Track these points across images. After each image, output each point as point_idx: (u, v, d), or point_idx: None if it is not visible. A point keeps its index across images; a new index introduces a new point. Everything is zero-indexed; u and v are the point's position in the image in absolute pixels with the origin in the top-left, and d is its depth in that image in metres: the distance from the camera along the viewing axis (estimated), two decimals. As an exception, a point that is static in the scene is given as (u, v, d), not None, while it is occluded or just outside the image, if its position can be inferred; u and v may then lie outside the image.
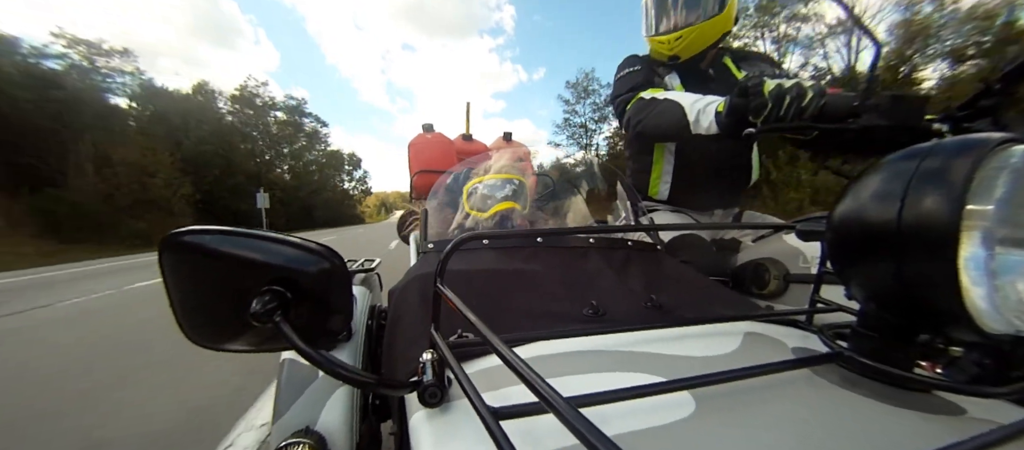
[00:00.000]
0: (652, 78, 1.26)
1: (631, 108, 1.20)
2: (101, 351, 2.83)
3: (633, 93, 1.22)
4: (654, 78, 1.27)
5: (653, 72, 1.28)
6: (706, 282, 0.76)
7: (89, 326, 3.54)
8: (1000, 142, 0.27)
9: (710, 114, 0.91)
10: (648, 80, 1.25)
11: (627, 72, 1.29)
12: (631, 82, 1.26)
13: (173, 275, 0.33)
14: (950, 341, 0.32)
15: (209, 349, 0.36)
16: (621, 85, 1.29)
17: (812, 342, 0.46)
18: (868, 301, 0.34)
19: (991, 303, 0.26)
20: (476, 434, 0.30)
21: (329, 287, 0.35)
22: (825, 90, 0.73)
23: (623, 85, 1.28)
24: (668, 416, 0.30)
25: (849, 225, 0.33)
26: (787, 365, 0.34)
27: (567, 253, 0.79)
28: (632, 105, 1.19)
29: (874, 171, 0.33)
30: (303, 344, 0.30)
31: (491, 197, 0.99)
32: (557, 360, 0.41)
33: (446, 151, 1.92)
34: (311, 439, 0.52)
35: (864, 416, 0.31)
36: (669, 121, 1.02)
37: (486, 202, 0.99)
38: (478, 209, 0.99)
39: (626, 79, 1.28)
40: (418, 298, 0.61)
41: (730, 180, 1.34)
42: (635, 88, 1.23)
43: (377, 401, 0.70)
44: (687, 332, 0.48)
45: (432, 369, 0.34)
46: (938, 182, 0.28)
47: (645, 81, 1.24)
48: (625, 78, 1.28)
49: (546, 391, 0.21)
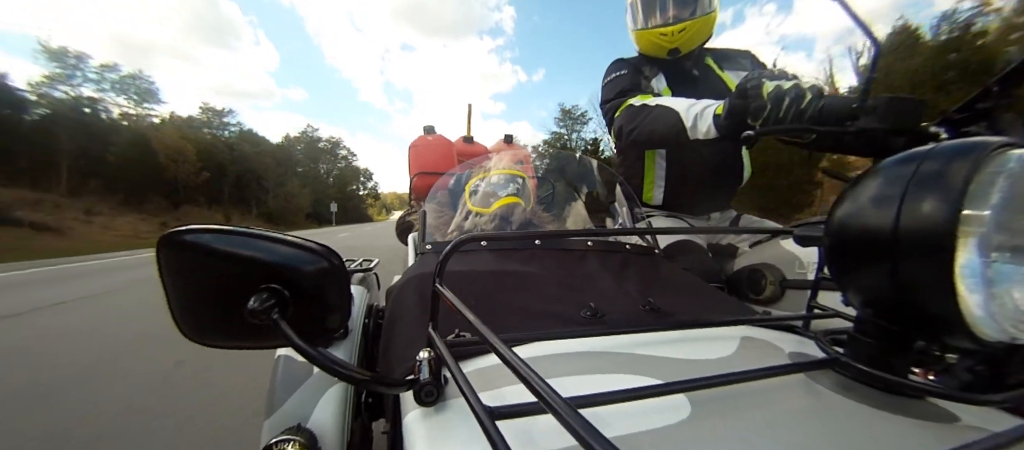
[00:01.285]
0: (639, 82, 1.25)
1: (620, 116, 1.18)
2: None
3: (622, 99, 1.20)
4: (641, 81, 1.26)
5: (640, 74, 1.27)
6: (704, 286, 0.76)
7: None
8: (998, 146, 0.27)
9: (708, 118, 0.91)
10: (636, 84, 1.24)
11: (614, 77, 1.28)
12: (618, 87, 1.24)
13: (171, 273, 0.33)
14: (946, 348, 0.32)
15: (206, 346, 0.36)
16: (608, 90, 1.27)
17: (808, 347, 0.46)
18: (864, 307, 0.35)
19: (986, 310, 0.26)
20: (471, 434, 0.29)
21: (327, 286, 0.35)
22: (824, 91, 0.73)
23: (611, 90, 1.26)
24: (664, 419, 0.30)
25: (846, 230, 0.33)
26: (783, 370, 0.34)
27: (565, 255, 0.79)
28: (621, 112, 1.18)
29: (871, 175, 0.33)
30: (300, 341, 0.30)
31: (494, 193, 0.98)
32: (554, 361, 0.41)
33: (446, 153, 1.92)
34: (302, 436, 0.51)
35: (859, 422, 0.31)
36: (664, 127, 1.02)
37: (489, 199, 0.98)
38: (481, 205, 0.98)
39: (613, 84, 1.26)
40: (416, 298, 0.60)
41: (723, 182, 1.34)
42: (623, 93, 1.22)
43: (370, 399, 0.70)
44: (684, 335, 0.48)
45: (428, 368, 0.34)
46: (935, 187, 0.28)
47: (632, 85, 1.23)
48: (612, 83, 1.27)
49: (544, 390, 0.21)
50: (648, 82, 1.27)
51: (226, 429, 1.75)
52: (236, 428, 1.75)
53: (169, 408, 1.92)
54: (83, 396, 2.05)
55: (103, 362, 2.50)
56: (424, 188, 1.56)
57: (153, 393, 2.09)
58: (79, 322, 3.42)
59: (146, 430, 1.74)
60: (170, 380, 2.24)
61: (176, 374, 2.32)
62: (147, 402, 1.99)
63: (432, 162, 1.81)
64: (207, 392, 2.10)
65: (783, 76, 0.77)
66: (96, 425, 1.77)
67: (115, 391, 2.10)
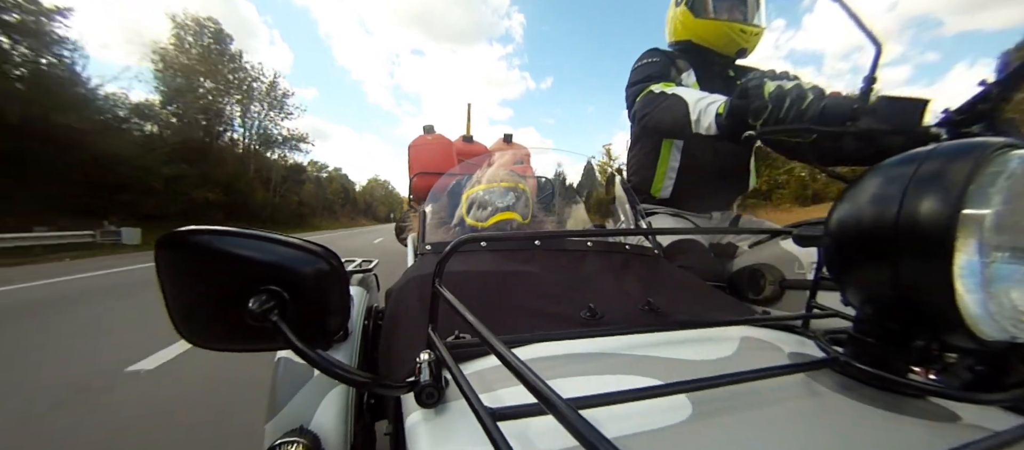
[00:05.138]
0: (669, 72, 1.26)
1: (640, 100, 1.19)
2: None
3: (645, 84, 1.21)
4: (671, 72, 1.26)
5: (672, 65, 1.28)
6: (703, 286, 0.76)
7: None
8: (999, 147, 0.27)
9: (711, 114, 0.90)
10: (664, 73, 1.24)
11: (645, 62, 1.29)
12: (646, 72, 1.25)
13: (169, 273, 0.33)
14: (946, 347, 0.32)
15: (204, 348, 0.36)
16: (636, 74, 1.28)
17: (808, 347, 0.46)
18: (864, 306, 0.35)
19: (985, 310, 0.26)
20: (472, 435, 0.29)
21: (326, 287, 0.35)
22: (825, 92, 0.72)
23: (638, 74, 1.27)
24: (665, 419, 0.30)
25: (846, 230, 0.33)
26: (783, 370, 0.34)
27: (565, 256, 0.79)
28: (642, 97, 1.18)
29: (871, 175, 0.33)
30: (300, 343, 0.30)
31: (492, 205, 0.98)
32: (554, 362, 0.41)
33: (446, 153, 1.92)
34: (305, 438, 0.51)
35: (859, 421, 0.31)
36: (673, 117, 1.02)
37: (485, 211, 0.98)
38: (477, 218, 0.98)
39: (642, 69, 1.27)
40: (416, 299, 0.60)
41: (732, 183, 1.35)
42: (649, 78, 1.22)
43: (372, 401, 0.70)
44: (684, 336, 0.48)
45: (429, 369, 0.34)
46: (935, 187, 0.28)
47: (660, 73, 1.24)
48: (642, 68, 1.28)
49: (545, 392, 0.21)
50: (678, 75, 1.28)
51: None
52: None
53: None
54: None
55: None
56: (424, 188, 1.56)
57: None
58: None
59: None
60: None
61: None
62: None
63: (432, 162, 1.81)
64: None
65: (784, 77, 0.77)
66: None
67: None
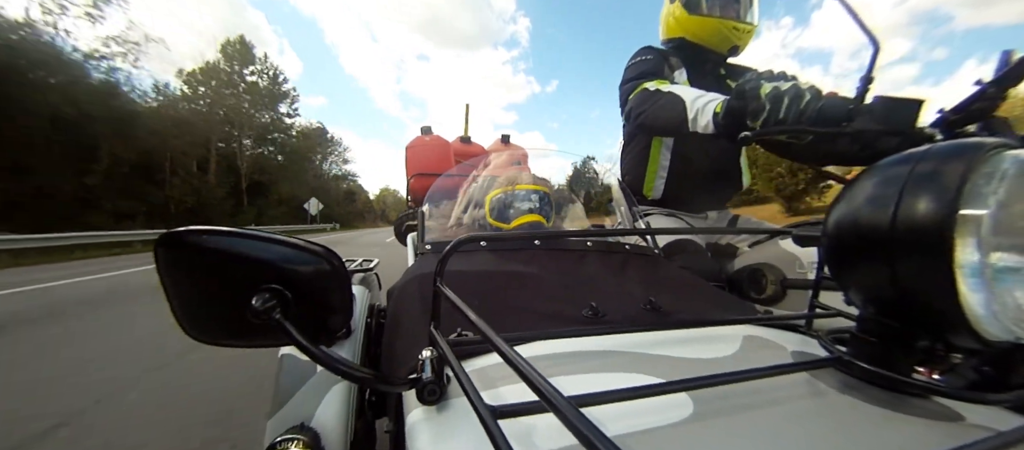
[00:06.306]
0: (663, 69, 1.26)
1: (634, 97, 1.18)
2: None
3: (639, 81, 1.20)
4: (665, 69, 1.26)
5: (665, 63, 1.28)
6: (704, 286, 0.76)
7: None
8: (993, 147, 0.27)
9: (708, 113, 0.90)
10: (658, 70, 1.24)
11: (639, 60, 1.28)
12: (640, 69, 1.25)
13: (170, 272, 0.33)
14: (950, 347, 0.32)
15: (208, 344, 0.36)
16: (630, 72, 1.28)
17: (811, 347, 0.46)
18: (866, 306, 0.34)
19: (989, 309, 0.26)
20: (473, 432, 0.29)
21: (328, 287, 0.35)
22: (821, 93, 0.72)
23: (632, 72, 1.27)
24: (667, 418, 0.30)
25: (845, 230, 0.33)
26: (786, 369, 0.34)
27: (565, 256, 0.79)
28: (636, 94, 1.18)
29: (868, 175, 0.33)
30: (303, 340, 0.30)
31: (516, 207, 0.98)
32: (556, 360, 0.41)
33: (443, 154, 1.92)
34: (306, 435, 0.51)
35: (862, 421, 0.30)
36: (669, 115, 1.01)
37: (508, 212, 0.98)
38: (501, 220, 0.98)
39: (636, 67, 1.27)
40: (417, 297, 0.60)
41: (724, 182, 1.35)
42: (643, 76, 1.22)
43: (373, 398, 0.70)
44: (686, 335, 0.48)
45: (431, 367, 0.34)
46: (931, 187, 0.28)
47: (654, 70, 1.24)
48: (635, 65, 1.28)
49: (546, 389, 0.21)
50: (671, 73, 1.28)
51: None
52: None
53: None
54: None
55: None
56: (421, 189, 1.56)
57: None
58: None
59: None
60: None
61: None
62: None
63: (429, 163, 1.81)
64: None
65: (781, 77, 0.77)
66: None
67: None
